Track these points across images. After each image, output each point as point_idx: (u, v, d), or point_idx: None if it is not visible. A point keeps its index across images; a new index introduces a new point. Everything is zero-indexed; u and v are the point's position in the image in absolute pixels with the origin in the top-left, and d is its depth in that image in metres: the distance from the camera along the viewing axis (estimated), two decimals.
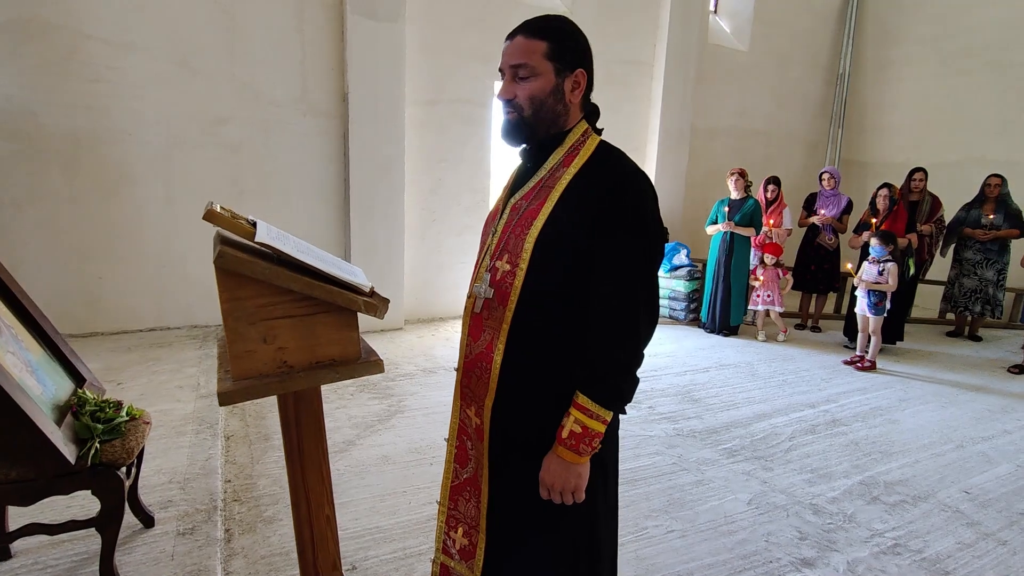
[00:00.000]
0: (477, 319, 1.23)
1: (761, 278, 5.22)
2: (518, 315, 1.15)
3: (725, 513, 2.47)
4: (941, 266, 5.86)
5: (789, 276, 5.43)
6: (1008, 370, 4.67)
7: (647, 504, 2.51)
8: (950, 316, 5.94)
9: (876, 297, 4.38)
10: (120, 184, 4.17)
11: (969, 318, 5.70)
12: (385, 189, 4.87)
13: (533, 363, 1.16)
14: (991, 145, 6.53)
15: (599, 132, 1.27)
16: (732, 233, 5.26)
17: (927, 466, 3.00)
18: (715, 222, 5.40)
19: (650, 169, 6.54)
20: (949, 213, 5.56)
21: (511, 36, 1.16)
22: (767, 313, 5.34)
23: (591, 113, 1.26)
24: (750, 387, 4.07)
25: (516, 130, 1.19)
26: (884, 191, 4.93)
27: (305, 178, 4.75)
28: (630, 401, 1.15)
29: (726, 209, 5.30)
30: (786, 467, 2.92)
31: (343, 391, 3.64)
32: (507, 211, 1.23)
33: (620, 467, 2.85)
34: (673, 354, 4.79)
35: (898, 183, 5.50)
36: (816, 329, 5.82)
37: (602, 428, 1.10)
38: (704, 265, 5.78)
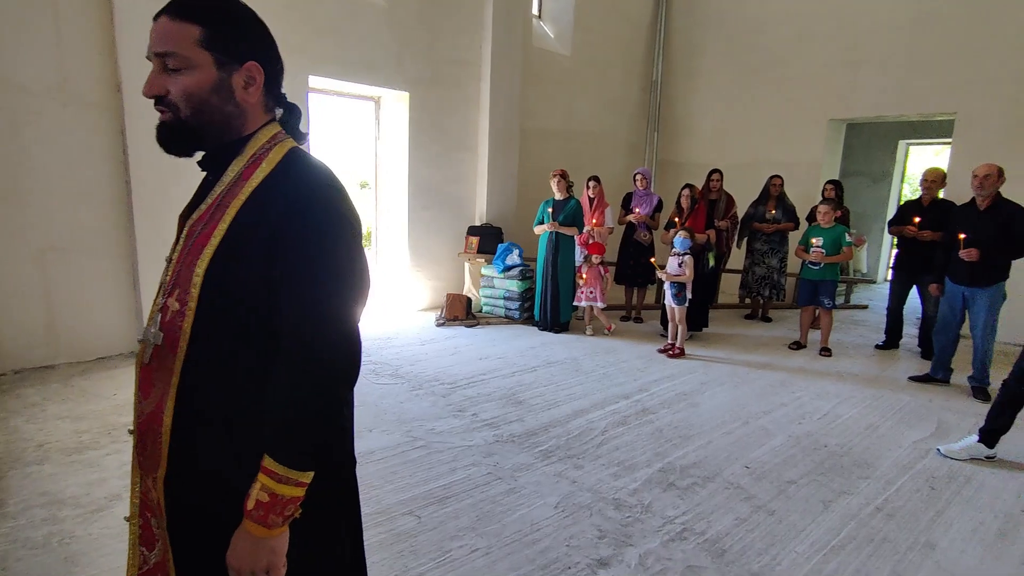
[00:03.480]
0: (147, 371, 1.00)
1: (585, 276, 5.44)
2: (190, 365, 0.95)
3: (532, 521, 2.46)
4: (739, 256, 6.58)
5: (609, 274, 5.73)
6: (788, 347, 5.36)
7: (455, 523, 2.42)
8: (748, 301, 6.69)
9: (677, 288, 4.77)
10: None
11: (761, 302, 6.48)
12: (180, 192, 4.26)
13: (210, 424, 0.96)
14: (773, 149, 7.48)
15: (302, 137, 1.10)
16: (558, 233, 5.42)
17: (717, 445, 3.27)
18: (542, 222, 5.54)
19: (482, 169, 6.56)
20: (742, 209, 6.27)
21: (156, 16, 0.95)
22: (592, 309, 5.59)
23: (290, 115, 1.09)
24: (573, 383, 4.19)
25: (175, 136, 0.98)
26: (686, 191, 5.39)
27: (71, 179, 4.01)
28: (330, 455, 1.00)
29: (550, 210, 5.45)
30: (595, 463, 3.00)
31: (117, 434, 3.10)
32: (183, 236, 1.02)
33: (434, 484, 2.74)
34: (504, 356, 4.81)
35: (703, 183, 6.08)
36: (639, 320, 6.24)
37: (298, 492, 0.93)
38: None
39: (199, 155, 1.05)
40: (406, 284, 6.29)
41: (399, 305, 6.27)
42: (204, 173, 1.08)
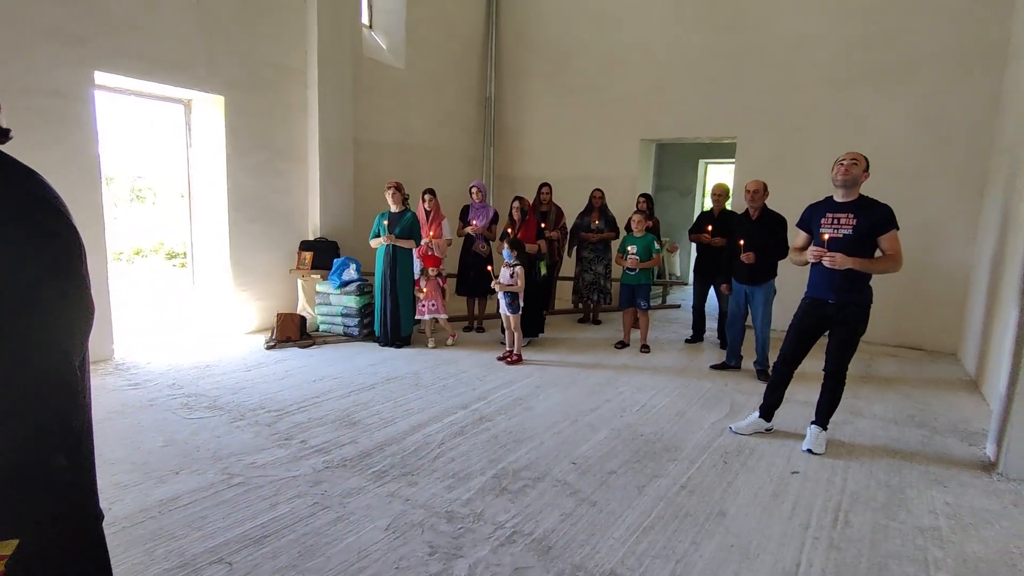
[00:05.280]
0: None
1: (425, 289, 5.42)
2: None
3: (360, 548, 2.35)
4: (571, 264, 7.01)
5: (448, 285, 5.78)
6: (614, 346, 5.82)
7: (272, 564, 2.23)
8: (580, 306, 7.15)
9: (510, 297, 4.96)
10: None
11: (591, 306, 6.97)
12: None
13: None
14: (595, 164, 8.12)
15: (2, 135, 0.93)
16: (395, 245, 5.34)
17: (548, 446, 3.43)
18: (378, 235, 5.41)
19: (314, 180, 6.24)
20: (570, 220, 6.71)
21: None
22: (435, 321, 5.58)
23: None
24: (412, 398, 4.13)
25: None
26: (516, 204, 5.63)
27: None
28: (49, 515, 0.85)
29: (386, 223, 5.35)
30: (430, 477, 2.98)
31: None
32: None
33: (250, 524, 2.50)
34: (341, 375, 4.60)
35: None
36: (480, 330, 6.36)
37: None
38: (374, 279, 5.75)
39: None
40: (229, 306, 5.75)
41: (220, 329, 5.71)
42: None
